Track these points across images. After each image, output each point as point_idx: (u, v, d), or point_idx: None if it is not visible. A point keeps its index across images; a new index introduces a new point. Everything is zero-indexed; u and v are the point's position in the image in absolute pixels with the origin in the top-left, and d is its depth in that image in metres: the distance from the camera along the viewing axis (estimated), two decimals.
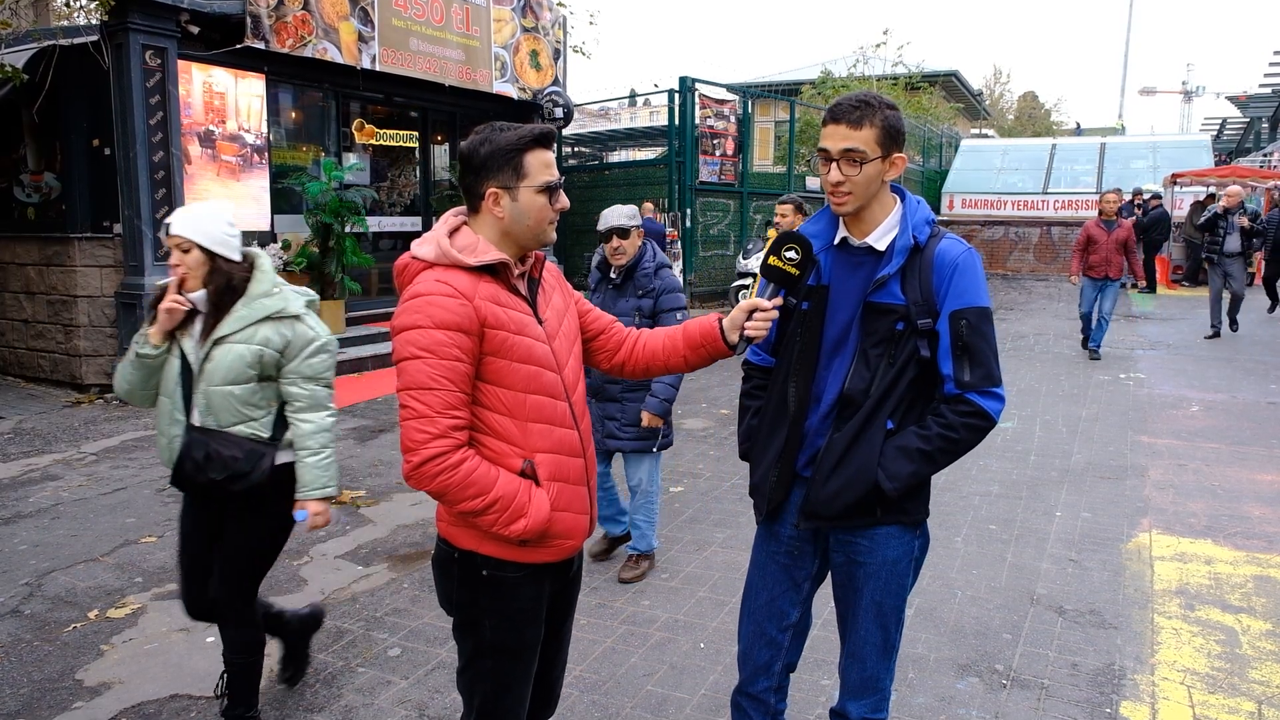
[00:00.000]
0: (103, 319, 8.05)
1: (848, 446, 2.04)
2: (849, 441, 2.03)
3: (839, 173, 1.99)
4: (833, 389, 2.08)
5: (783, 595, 2.21)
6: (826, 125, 2.02)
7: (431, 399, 1.80)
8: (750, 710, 2.26)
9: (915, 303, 2.01)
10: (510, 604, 1.96)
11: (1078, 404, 7.69)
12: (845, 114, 1.98)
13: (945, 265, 2.02)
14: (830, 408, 2.08)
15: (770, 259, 2.05)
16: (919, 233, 2.04)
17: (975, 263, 2.04)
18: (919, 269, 2.02)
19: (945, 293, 2.01)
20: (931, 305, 2.01)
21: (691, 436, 6.75)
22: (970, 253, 2.05)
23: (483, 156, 1.90)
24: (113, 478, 5.69)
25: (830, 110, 2.02)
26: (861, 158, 1.97)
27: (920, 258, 2.03)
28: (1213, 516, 4.96)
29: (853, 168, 1.98)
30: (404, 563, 4.38)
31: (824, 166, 2.03)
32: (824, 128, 2.04)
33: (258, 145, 9.12)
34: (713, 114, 14.13)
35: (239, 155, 8.96)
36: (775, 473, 2.14)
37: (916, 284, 2.02)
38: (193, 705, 3.12)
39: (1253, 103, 29.09)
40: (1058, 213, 20.45)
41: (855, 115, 1.97)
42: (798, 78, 27.05)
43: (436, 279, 1.85)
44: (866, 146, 1.97)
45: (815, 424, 2.11)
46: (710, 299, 14.28)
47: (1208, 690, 3.20)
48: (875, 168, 1.99)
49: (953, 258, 2.02)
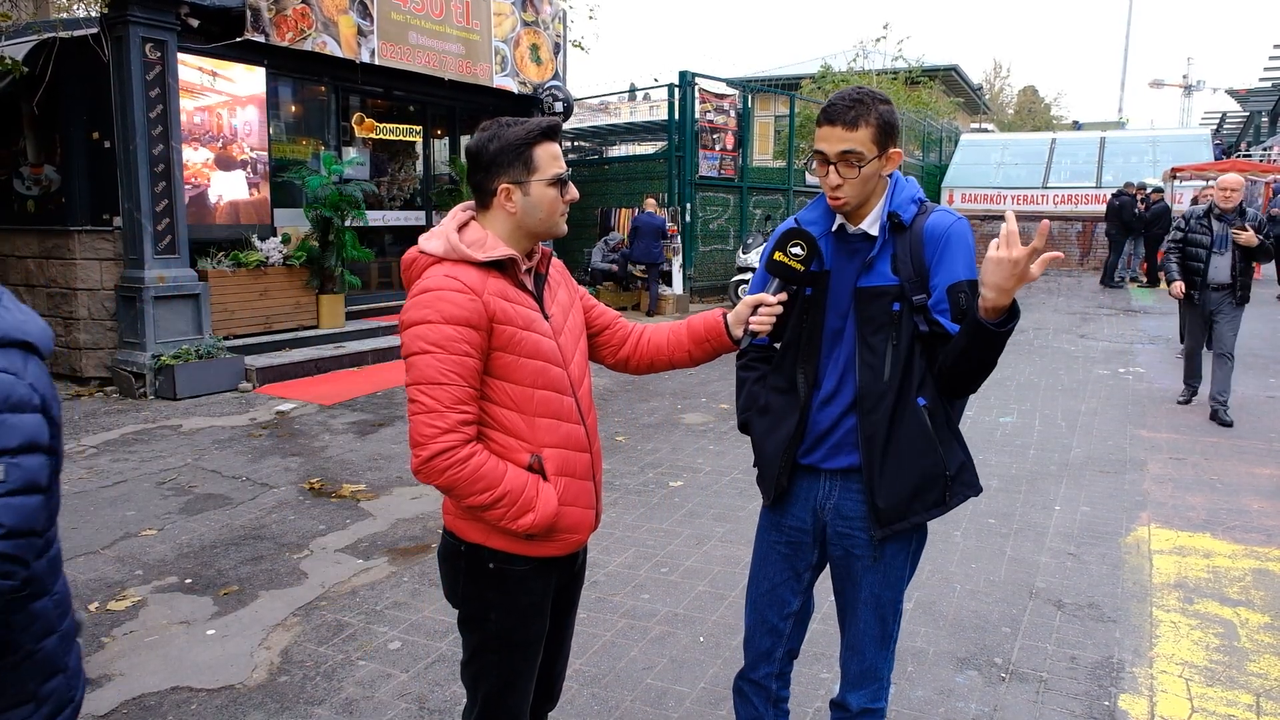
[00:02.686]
0: (102, 312, 8.05)
1: (886, 441, 2.01)
2: (885, 438, 2.01)
3: (837, 175, 1.97)
4: (832, 376, 2.08)
5: (784, 584, 2.23)
6: (821, 126, 1.99)
7: (441, 394, 1.80)
8: (752, 695, 2.28)
9: (909, 279, 1.99)
10: (517, 597, 1.97)
11: (1077, 398, 7.70)
12: (840, 115, 1.95)
13: (936, 238, 2.00)
14: (830, 395, 2.08)
15: (776, 254, 2.05)
16: (903, 210, 2.02)
17: (965, 233, 2.02)
18: (909, 245, 2.01)
19: (938, 265, 1.99)
20: (925, 279, 1.99)
21: (691, 431, 6.75)
22: (960, 222, 2.03)
23: (492, 152, 1.90)
24: (113, 470, 5.70)
25: (824, 111, 1.99)
26: (859, 159, 1.94)
27: (909, 234, 2.01)
28: (1211, 510, 4.97)
29: (851, 169, 1.96)
30: (404, 556, 4.39)
31: (821, 169, 2.01)
32: (819, 129, 2.00)
33: (257, 139, 9.11)
34: (713, 108, 14.11)
35: (238, 149, 8.95)
36: (783, 458, 2.13)
37: (908, 260, 2.00)
38: (193, 697, 3.13)
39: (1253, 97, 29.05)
40: (1057, 207, 20.44)
41: (851, 116, 1.94)
42: (798, 72, 27.04)
43: (446, 274, 1.85)
44: (864, 147, 1.94)
45: (815, 409, 2.10)
46: (710, 293, 14.28)
47: (1206, 683, 3.21)
48: (873, 167, 1.97)
49: (943, 229, 2.00)
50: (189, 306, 8.05)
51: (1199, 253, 6.79)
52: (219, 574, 4.17)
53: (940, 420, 2.04)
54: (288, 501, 5.17)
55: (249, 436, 6.52)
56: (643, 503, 5.13)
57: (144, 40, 7.64)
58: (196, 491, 5.33)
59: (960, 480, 2.06)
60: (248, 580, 4.11)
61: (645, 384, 8.36)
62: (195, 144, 8.50)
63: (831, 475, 2.11)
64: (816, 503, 2.14)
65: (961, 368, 1.95)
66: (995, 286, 1.80)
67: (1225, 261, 6.73)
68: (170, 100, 7.88)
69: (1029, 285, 15.80)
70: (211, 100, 8.68)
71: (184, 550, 4.45)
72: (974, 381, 1.98)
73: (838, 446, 2.08)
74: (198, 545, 4.51)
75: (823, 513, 2.14)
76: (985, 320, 1.83)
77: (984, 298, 1.83)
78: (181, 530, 4.71)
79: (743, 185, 14.93)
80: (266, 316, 9.05)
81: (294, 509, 5.04)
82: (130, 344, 7.88)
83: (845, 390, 2.06)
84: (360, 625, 3.66)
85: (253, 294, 8.91)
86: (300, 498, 5.23)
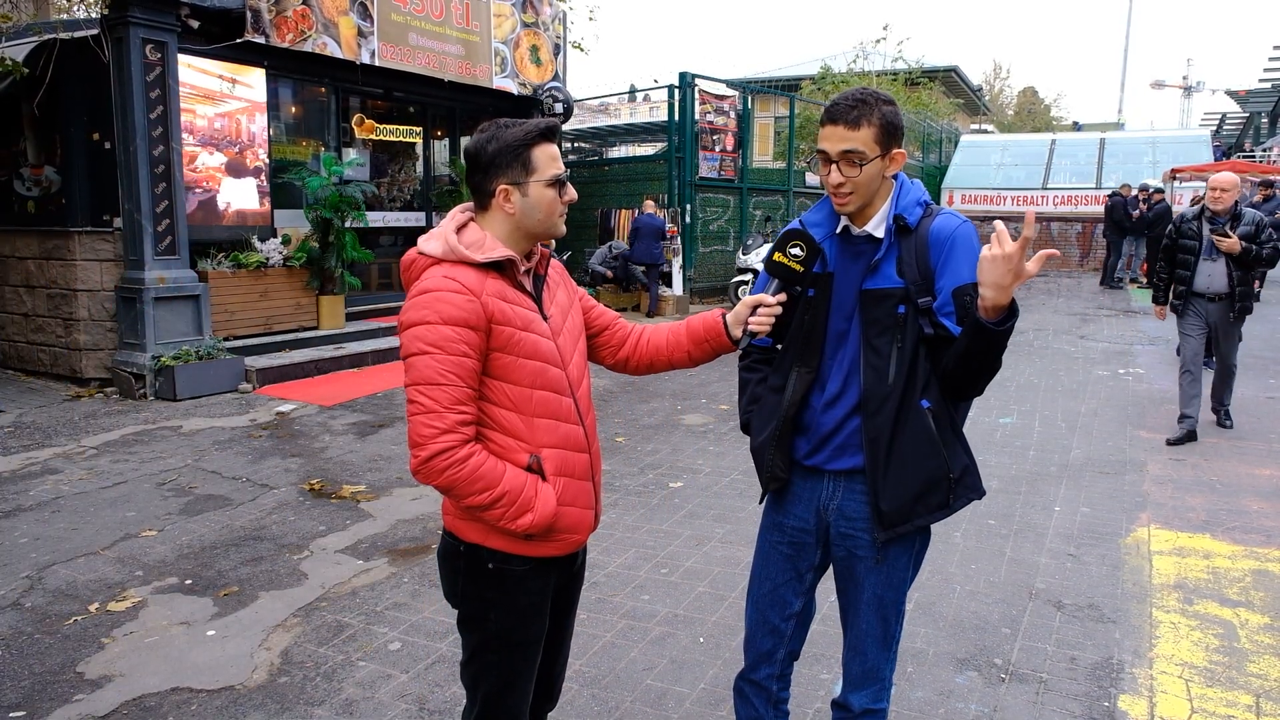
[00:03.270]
0: (103, 313, 8.05)
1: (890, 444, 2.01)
2: (889, 440, 2.01)
3: (839, 174, 1.99)
4: (837, 378, 2.08)
5: (785, 585, 2.23)
6: (824, 126, 2.00)
7: (439, 394, 1.81)
8: (752, 696, 2.28)
9: (914, 282, 2.00)
10: (516, 597, 1.97)
11: (1077, 399, 7.70)
12: (843, 114, 1.96)
13: (941, 241, 2.01)
14: (834, 397, 2.08)
15: (776, 255, 2.06)
16: (909, 213, 2.03)
17: (971, 236, 2.03)
18: (914, 248, 2.02)
19: (943, 268, 1.99)
20: (930, 282, 2.00)
21: (691, 432, 6.75)
22: (966, 225, 2.04)
23: (490, 154, 1.91)
24: (113, 471, 5.70)
25: (827, 111, 2.00)
26: (861, 158, 1.96)
27: (914, 237, 2.02)
28: (1211, 511, 4.97)
29: (853, 169, 1.97)
30: (404, 557, 4.39)
31: (824, 168, 2.02)
32: (822, 128, 2.02)
33: (258, 140, 9.12)
34: (713, 109, 14.12)
35: (239, 150, 8.96)
36: (771, 452, 2.15)
37: (913, 263, 2.01)
38: (193, 698, 3.13)
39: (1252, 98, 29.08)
40: (1057, 208, 20.44)
41: (853, 115, 1.95)
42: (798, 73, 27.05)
43: (444, 275, 1.85)
44: (866, 147, 1.95)
45: (819, 411, 2.11)
46: (710, 294, 14.28)
47: (1206, 684, 3.21)
48: (876, 166, 1.98)
49: (949, 233, 2.01)
50: (189, 307, 8.06)
51: (1187, 259, 6.22)
52: (219, 575, 4.18)
53: (944, 423, 2.04)
54: (288, 502, 5.17)
55: (249, 437, 6.52)
56: (643, 504, 5.14)
57: (144, 41, 7.65)
58: (196, 492, 5.33)
59: (963, 483, 2.07)
60: (248, 581, 4.11)
61: (645, 385, 8.36)
62: (195, 145, 8.50)
63: (835, 476, 2.12)
64: (820, 503, 2.15)
65: (965, 369, 1.95)
66: (993, 285, 1.82)
67: (1218, 269, 6.09)
68: (171, 101, 7.89)
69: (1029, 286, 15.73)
70: (215, 103, 8.68)
71: (184, 551, 4.45)
72: (978, 383, 1.99)
73: (842, 448, 2.09)
74: (198, 546, 4.51)
75: (826, 513, 2.15)
76: (985, 320, 1.85)
77: (983, 297, 1.84)
78: (181, 531, 4.71)
79: (742, 186, 14.93)
80: (267, 317, 9.05)
81: (294, 510, 5.04)
82: (130, 345, 7.88)
83: (850, 392, 2.07)
84: (360, 626, 3.66)
85: (253, 295, 8.91)
86: (300, 499, 5.23)
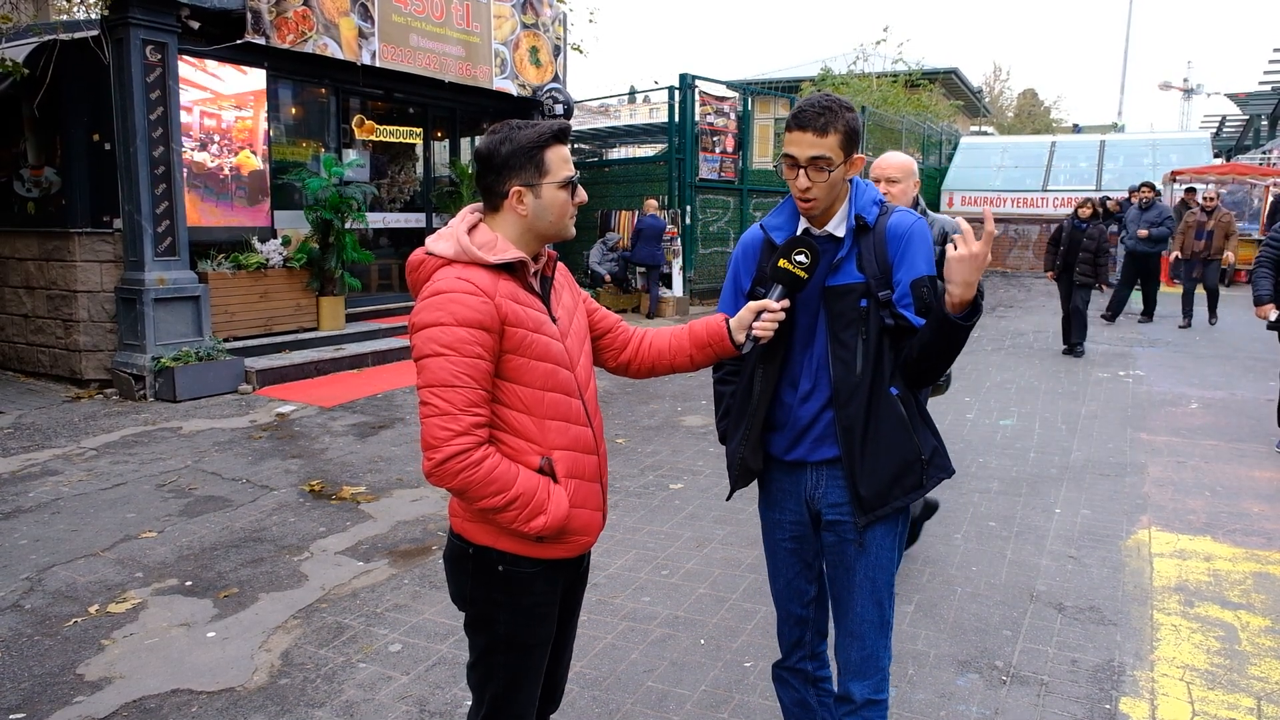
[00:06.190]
0: (102, 314, 8.04)
1: (864, 432, 2.11)
2: (863, 429, 2.11)
3: (807, 179, 2.07)
4: (808, 373, 2.18)
5: (798, 576, 2.33)
6: (792, 131, 2.08)
7: (454, 396, 1.80)
8: (792, 680, 2.41)
9: (873, 276, 2.11)
10: (525, 599, 1.97)
11: (1077, 401, 7.70)
12: (811, 121, 2.04)
13: (898, 236, 2.12)
14: (808, 392, 2.18)
15: (780, 262, 2.11)
16: (867, 213, 2.15)
17: (925, 232, 2.16)
18: (873, 245, 2.13)
19: (900, 262, 2.11)
20: (889, 276, 2.11)
21: (692, 434, 6.75)
22: (920, 222, 2.17)
23: (504, 155, 1.91)
24: (113, 473, 5.69)
25: (795, 116, 2.07)
26: (829, 164, 2.05)
27: (873, 234, 2.14)
28: (1212, 513, 4.97)
29: (820, 174, 2.06)
30: (405, 558, 4.38)
31: (790, 172, 2.10)
32: (789, 133, 2.09)
33: (258, 141, 9.11)
34: (713, 111, 14.11)
35: (239, 151, 8.95)
36: (741, 451, 2.26)
37: (872, 258, 2.12)
38: (194, 700, 3.12)
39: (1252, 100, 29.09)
40: (1057, 210, 20.40)
41: (821, 122, 2.03)
42: (798, 75, 27.07)
43: (458, 276, 1.85)
44: (832, 153, 2.05)
45: (795, 406, 2.20)
46: (710, 296, 14.26)
47: (1207, 686, 3.20)
48: (840, 172, 2.09)
49: (905, 228, 2.13)
50: (189, 308, 8.05)
51: None
52: (219, 576, 4.17)
53: (912, 408, 2.17)
54: (288, 504, 5.16)
55: (249, 439, 6.52)
56: (643, 505, 5.13)
57: (144, 42, 7.64)
58: (196, 494, 5.32)
59: (934, 464, 2.20)
60: (248, 582, 4.10)
61: (646, 386, 8.36)
62: (195, 146, 8.50)
63: (817, 467, 2.22)
64: (806, 494, 2.25)
65: (925, 358, 2.08)
66: (961, 283, 1.95)
67: None
68: (171, 102, 7.88)
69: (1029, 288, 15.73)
70: (215, 104, 8.68)
71: (184, 552, 4.45)
72: (937, 372, 2.13)
73: (820, 439, 2.20)
74: (198, 547, 4.51)
75: (814, 502, 2.24)
76: (952, 315, 1.97)
77: (950, 294, 1.97)
78: (181, 532, 4.71)
79: (743, 188, 14.92)
80: (266, 318, 9.05)
81: (294, 511, 5.04)
82: (130, 346, 7.88)
83: (821, 386, 2.17)
84: (361, 627, 3.66)
85: (253, 296, 8.91)
86: (300, 500, 5.23)
